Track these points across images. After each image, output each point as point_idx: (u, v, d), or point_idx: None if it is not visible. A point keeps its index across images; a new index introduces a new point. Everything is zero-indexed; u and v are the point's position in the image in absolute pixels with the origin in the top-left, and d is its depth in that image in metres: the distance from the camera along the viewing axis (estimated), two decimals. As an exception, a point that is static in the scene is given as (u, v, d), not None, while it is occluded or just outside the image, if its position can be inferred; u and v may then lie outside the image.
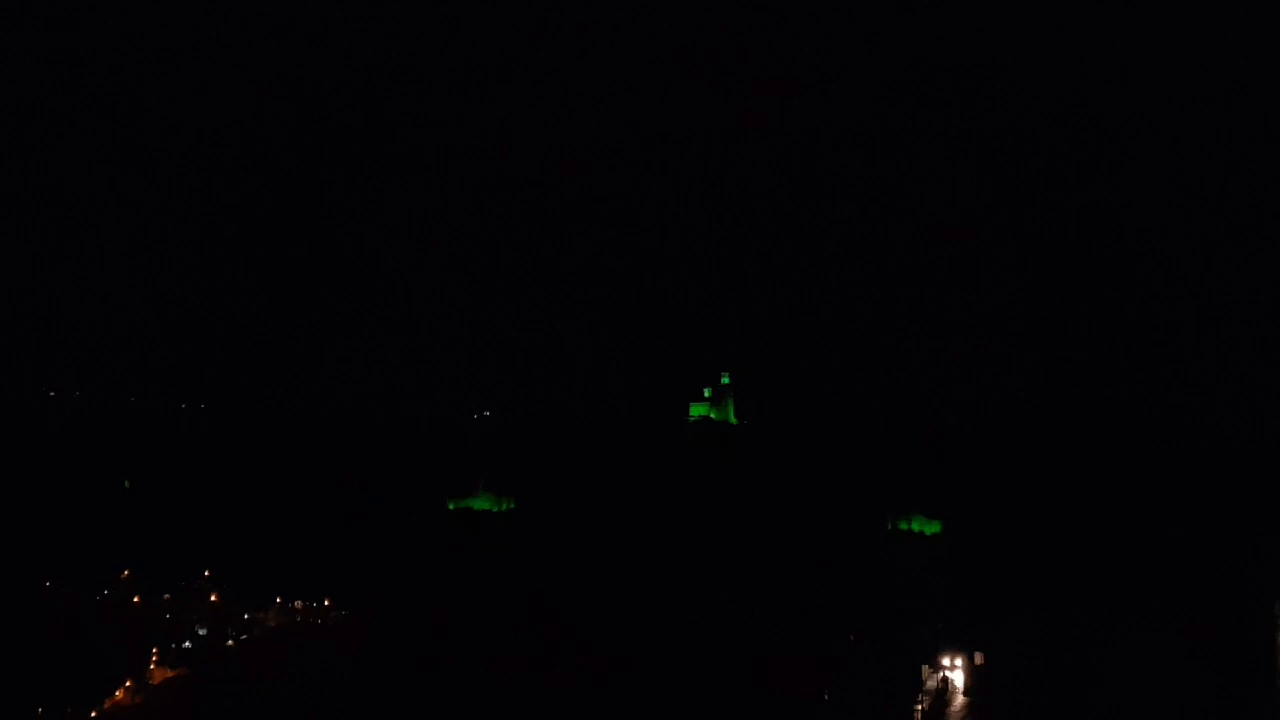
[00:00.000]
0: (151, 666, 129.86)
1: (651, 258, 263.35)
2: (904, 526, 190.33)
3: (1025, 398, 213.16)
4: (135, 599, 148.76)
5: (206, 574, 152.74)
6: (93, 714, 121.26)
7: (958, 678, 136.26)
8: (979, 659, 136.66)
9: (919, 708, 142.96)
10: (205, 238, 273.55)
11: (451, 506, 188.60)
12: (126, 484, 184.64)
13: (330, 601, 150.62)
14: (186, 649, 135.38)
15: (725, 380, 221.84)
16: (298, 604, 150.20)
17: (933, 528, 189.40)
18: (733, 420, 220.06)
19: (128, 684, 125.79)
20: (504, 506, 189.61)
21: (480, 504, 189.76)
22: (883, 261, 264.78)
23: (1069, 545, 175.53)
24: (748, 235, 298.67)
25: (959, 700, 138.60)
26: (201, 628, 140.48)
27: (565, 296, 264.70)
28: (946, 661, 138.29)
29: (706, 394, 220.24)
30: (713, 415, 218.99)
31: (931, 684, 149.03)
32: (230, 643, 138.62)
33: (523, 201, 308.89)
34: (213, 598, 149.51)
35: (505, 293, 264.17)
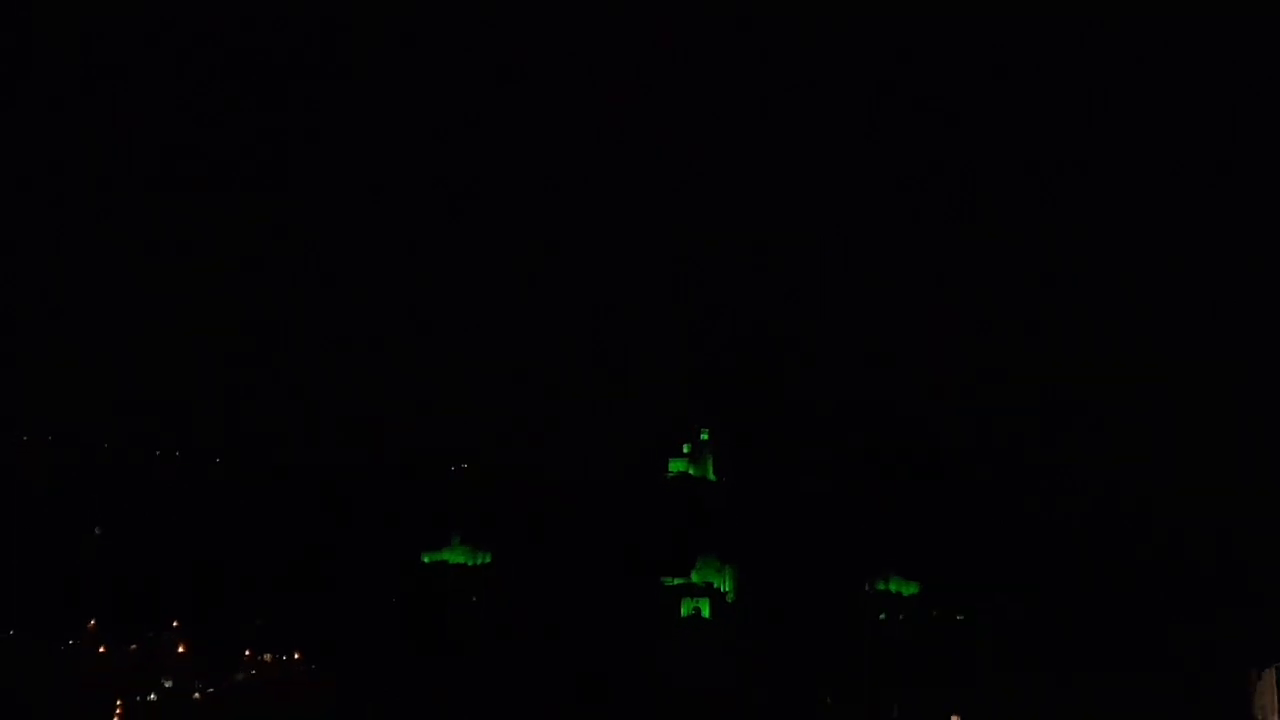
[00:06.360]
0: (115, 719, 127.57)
1: (630, 312, 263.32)
2: (881, 588, 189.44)
3: (1004, 459, 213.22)
4: (101, 649, 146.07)
5: (175, 625, 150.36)
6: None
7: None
8: None
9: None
10: (175, 279, 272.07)
11: (426, 559, 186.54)
12: (96, 531, 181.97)
13: (300, 655, 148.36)
14: (152, 702, 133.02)
15: (705, 436, 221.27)
16: (267, 658, 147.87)
17: (910, 589, 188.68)
18: (711, 477, 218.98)
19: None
20: (480, 560, 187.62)
21: (455, 557, 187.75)
22: (865, 318, 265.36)
23: (1048, 608, 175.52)
24: (728, 289, 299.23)
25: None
26: (168, 680, 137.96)
27: (542, 348, 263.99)
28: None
29: (685, 450, 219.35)
30: (691, 471, 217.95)
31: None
32: (197, 696, 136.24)
33: (500, 247, 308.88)
34: (180, 649, 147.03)
35: (482, 343, 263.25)
